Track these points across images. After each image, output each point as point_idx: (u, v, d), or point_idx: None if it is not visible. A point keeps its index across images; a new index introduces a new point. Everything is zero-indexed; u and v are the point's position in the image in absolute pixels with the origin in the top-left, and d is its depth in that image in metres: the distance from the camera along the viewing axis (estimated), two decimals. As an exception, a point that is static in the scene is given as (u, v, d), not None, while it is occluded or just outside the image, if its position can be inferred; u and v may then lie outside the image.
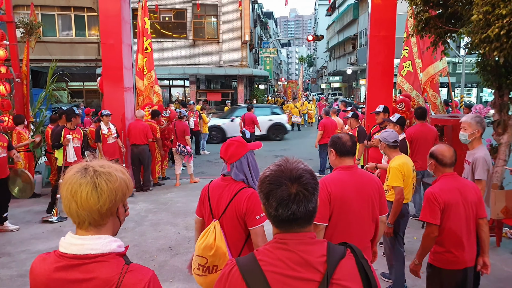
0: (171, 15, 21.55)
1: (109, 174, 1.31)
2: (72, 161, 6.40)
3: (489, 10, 3.70)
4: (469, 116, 3.61)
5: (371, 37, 7.46)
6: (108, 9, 7.85)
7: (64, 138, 6.42)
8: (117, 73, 7.97)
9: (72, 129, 6.62)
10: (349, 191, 2.49)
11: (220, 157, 2.48)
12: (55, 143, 6.51)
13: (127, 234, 5.69)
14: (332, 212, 2.47)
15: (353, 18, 36.91)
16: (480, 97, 31.89)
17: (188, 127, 9.03)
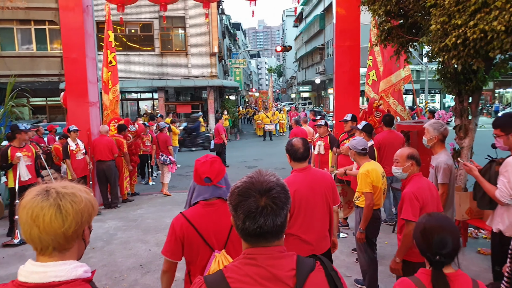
0: (137, 28, 21.29)
1: (74, 195, 1.25)
2: (26, 179, 6.15)
3: (445, 20, 3.86)
4: (429, 123, 3.76)
5: (336, 47, 7.62)
6: (70, 22, 7.65)
7: (12, 157, 6.09)
8: (81, 88, 7.76)
9: (20, 146, 6.28)
10: (303, 189, 2.85)
11: (202, 178, 2.12)
12: (3, 164, 6.14)
13: (96, 254, 5.48)
14: (292, 210, 2.80)
15: (320, 29, 37.77)
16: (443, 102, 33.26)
17: (169, 137, 9.43)
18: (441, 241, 1.75)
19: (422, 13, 4.87)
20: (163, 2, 7.53)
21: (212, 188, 2.14)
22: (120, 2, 7.49)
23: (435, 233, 1.77)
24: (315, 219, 2.90)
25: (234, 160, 13.62)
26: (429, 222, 1.84)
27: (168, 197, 8.70)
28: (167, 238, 2.14)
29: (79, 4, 7.63)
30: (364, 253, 3.96)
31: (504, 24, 3.19)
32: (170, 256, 2.13)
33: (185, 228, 2.08)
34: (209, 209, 2.12)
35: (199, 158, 2.21)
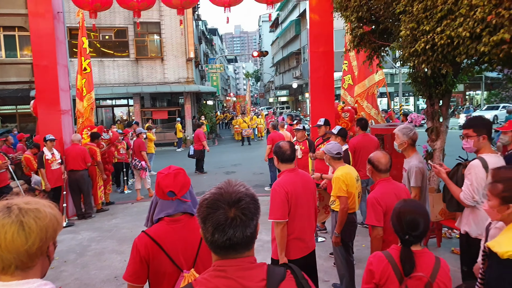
0: (111, 34, 20.96)
1: (38, 211, 1.21)
2: None
3: (414, 26, 3.97)
4: (398, 128, 3.84)
5: (311, 53, 7.70)
6: (40, 29, 7.45)
7: None
8: (53, 96, 7.56)
9: None
10: (299, 188, 3.00)
11: (165, 193, 1.96)
12: None
13: (68, 267, 5.27)
14: (290, 208, 2.95)
15: (296, 34, 38.21)
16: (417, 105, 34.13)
17: (143, 143, 9.52)
18: (412, 223, 2.04)
19: (392, 20, 4.99)
20: (136, 9, 7.42)
21: (176, 202, 1.96)
22: (92, 8, 7.33)
23: (407, 216, 2.06)
24: (307, 217, 3.07)
25: (212, 166, 13.53)
26: (404, 207, 2.14)
27: (143, 205, 8.52)
28: (130, 260, 1.93)
29: (49, 11, 7.44)
30: (341, 257, 3.99)
31: (469, 31, 3.29)
32: (134, 280, 1.92)
33: (150, 248, 1.89)
34: (175, 225, 1.95)
35: (161, 170, 2.04)
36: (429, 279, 1.97)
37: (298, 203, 2.98)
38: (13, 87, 18.61)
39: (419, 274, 1.98)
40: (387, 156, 3.16)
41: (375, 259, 2.11)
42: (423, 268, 2.01)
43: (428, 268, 2.02)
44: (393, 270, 2.03)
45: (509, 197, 1.94)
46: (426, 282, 1.97)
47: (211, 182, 10.72)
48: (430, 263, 2.03)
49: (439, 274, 2.01)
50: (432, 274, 2.00)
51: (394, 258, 2.06)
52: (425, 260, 2.04)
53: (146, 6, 7.55)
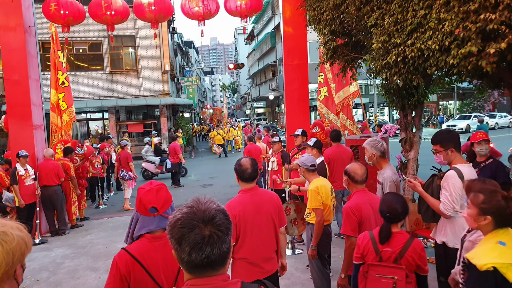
0: (85, 47, 20.62)
1: (4, 234, 1.17)
2: None
3: (386, 39, 4.07)
4: (366, 141, 3.91)
5: (285, 66, 7.80)
6: (10, 43, 7.31)
7: None
8: (24, 110, 7.41)
9: None
10: (249, 210, 2.82)
11: (147, 208, 1.92)
12: None
13: (40, 286, 5.10)
14: (239, 232, 2.80)
15: (271, 46, 38.66)
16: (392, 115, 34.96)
17: (130, 154, 9.90)
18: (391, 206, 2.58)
19: (364, 33, 5.11)
20: (110, 23, 7.36)
21: (158, 218, 1.94)
22: (65, 22, 7.23)
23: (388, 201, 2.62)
24: (262, 240, 2.85)
25: (189, 179, 13.38)
26: (387, 195, 2.76)
27: (119, 220, 8.35)
28: (109, 278, 1.87)
29: (20, 24, 7.29)
30: (317, 269, 3.98)
31: (438, 43, 3.39)
32: None
33: (130, 266, 1.84)
34: (156, 243, 1.91)
35: (143, 186, 2.01)
36: (397, 254, 2.50)
37: (248, 226, 2.80)
38: (-18, 102, 17.95)
39: (387, 250, 2.52)
40: (363, 167, 3.21)
41: (361, 236, 2.70)
42: (396, 244, 2.55)
43: (400, 245, 2.54)
44: (372, 244, 2.59)
45: (487, 209, 2.00)
46: (395, 256, 2.50)
47: (188, 195, 10.58)
48: (402, 241, 2.55)
49: (408, 250, 2.50)
50: (402, 250, 2.51)
51: (374, 236, 2.61)
52: (399, 238, 2.57)
53: (120, 20, 7.49)
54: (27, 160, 7.13)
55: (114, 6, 7.20)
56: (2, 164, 8.07)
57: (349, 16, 5.01)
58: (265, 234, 2.87)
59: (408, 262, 2.49)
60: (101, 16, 7.27)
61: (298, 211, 4.95)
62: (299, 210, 4.94)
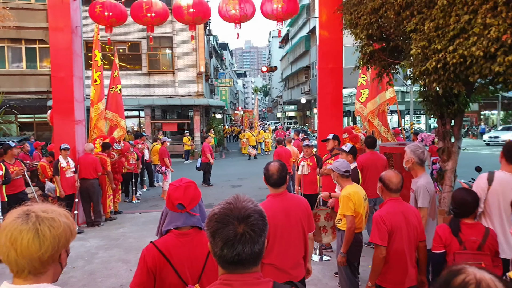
0: (125, 47, 21.36)
1: (53, 220, 1.26)
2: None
3: (425, 45, 3.96)
4: (409, 145, 3.80)
5: (320, 69, 7.74)
6: (59, 42, 7.73)
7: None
8: (68, 106, 7.81)
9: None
10: (278, 216, 2.76)
11: (175, 205, 1.96)
12: None
13: (76, 273, 5.36)
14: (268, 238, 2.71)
15: (305, 50, 38.46)
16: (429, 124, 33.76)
17: (165, 150, 10.58)
18: (460, 201, 2.86)
19: (403, 38, 5.00)
20: (150, 24, 7.58)
21: (185, 215, 1.97)
22: (108, 23, 7.53)
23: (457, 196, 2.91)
24: (290, 246, 2.81)
25: (219, 179, 13.53)
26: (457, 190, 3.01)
27: (150, 216, 8.61)
28: (137, 270, 1.94)
29: (68, 25, 7.69)
30: (346, 277, 3.92)
31: (483, 50, 3.27)
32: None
33: (157, 260, 1.90)
34: (182, 239, 1.96)
35: (173, 182, 2.06)
36: (481, 241, 2.75)
37: (277, 232, 2.75)
38: (32, 97, 19.15)
39: (473, 238, 2.76)
40: (399, 176, 3.10)
41: (441, 227, 2.95)
42: (476, 234, 2.79)
43: (480, 234, 2.79)
44: (454, 235, 2.82)
45: None
46: (479, 243, 2.75)
47: (217, 195, 10.71)
48: (481, 231, 2.82)
49: (488, 239, 2.77)
50: (483, 239, 2.77)
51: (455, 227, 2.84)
52: (477, 229, 2.84)
53: (159, 22, 7.70)
54: (68, 153, 7.48)
55: (154, 8, 7.41)
56: (47, 156, 8.53)
57: (387, 21, 4.92)
58: (294, 240, 2.82)
59: (489, 249, 2.75)
60: (141, 18, 7.50)
61: (328, 219, 4.89)
62: (330, 218, 4.87)
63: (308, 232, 2.93)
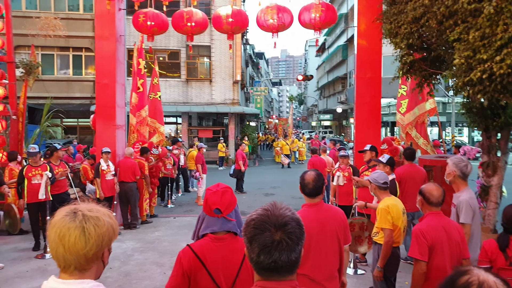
0: (165, 55, 22.06)
1: (97, 219, 1.32)
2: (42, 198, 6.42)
3: (470, 55, 3.82)
4: (451, 157, 3.64)
5: (357, 79, 7.64)
6: (104, 50, 8.09)
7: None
8: (110, 111, 8.12)
9: (35, 166, 6.62)
10: (313, 227, 2.67)
11: (212, 209, 1.99)
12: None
13: (112, 273, 5.53)
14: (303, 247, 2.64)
15: (342, 59, 38.06)
16: (472, 136, 32.24)
17: (201, 156, 10.95)
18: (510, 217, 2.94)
19: (445, 47, 4.85)
20: (190, 33, 7.79)
21: (221, 220, 1.99)
22: (150, 32, 7.81)
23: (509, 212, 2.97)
24: (325, 258, 2.74)
25: (252, 187, 13.58)
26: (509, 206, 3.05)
27: (185, 220, 8.76)
28: (173, 272, 1.98)
29: (113, 34, 8.06)
30: (382, 292, 3.80)
31: (532, 61, 3.13)
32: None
33: (192, 263, 1.93)
34: (218, 244, 1.98)
35: (210, 187, 2.09)
36: None
37: (312, 243, 2.67)
38: (76, 102, 20.23)
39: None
40: (440, 189, 2.99)
41: (488, 242, 2.99)
42: None
43: None
44: (501, 250, 2.87)
45: None
46: None
47: (250, 203, 10.74)
48: None
49: None
50: None
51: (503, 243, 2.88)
52: None
53: (199, 31, 7.90)
54: (109, 156, 7.76)
55: (195, 18, 7.61)
56: (89, 159, 8.92)
57: (429, 30, 4.79)
58: (329, 252, 2.75)
59: None
60: (182, 27, 7.72)
61: (363, 228, 4.79)
62: (366, 228, 4.77)
63: (344, 245, 2.86)
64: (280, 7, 7.28)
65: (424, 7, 4.61)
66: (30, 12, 18.67)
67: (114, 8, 7.85)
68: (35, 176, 6.48)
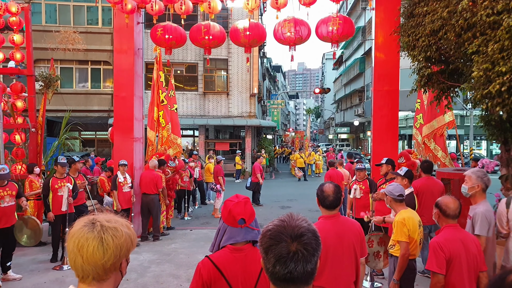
0: (183, 69, 22.44)
1: (116, 229, 1.33)
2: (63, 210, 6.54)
3: (489, 67, 3.79)
4: (471, 170, 3.61)
5: (375, 91, 7.61)
6: (122, 64, 8.22)
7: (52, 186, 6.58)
8: (128, 124, 8.20)
9: (60, 178, 6.72)
10: (330, 239, 2.66)
11: (237, 220, 2.00)
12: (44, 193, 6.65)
13: (129, 285, 5.57)
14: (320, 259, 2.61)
15: (360, 72, 37.95)
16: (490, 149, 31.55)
17: (220, 169, 11.28)
18: None
19: (463, 60, 4.81)
20: (207, 46, 7.92)
21: (244, 230, 2.01)
22: (168, 45, 7.97)
23: None
24: (342, 270, 2.71)
25: (268, 200, 13.54)
26: None
27: (201, 233, 8.76)
28: (192, 283, 1.99)
29: (131, 47, 8.22)
30: (398, 305, 3.73)
31: (552, 73, 3.08)
32: None
33: (212, 274, 1.93)
34: (237, 254, 1.98)
35: (230, 198, 2.11)
36: None
37: (329, 255, 2.66)
38: (94, 115, 20.66)
39: None
40: (457, 201, 2.96)
41: None
42: None
43: None
44: None
45: None
46: None
47: (267, 215, 10.71)
48: None
49: None
50: None
51: None
52: None
53: (217, 44, 8.02)
54: (126, 168, 7.85)
55: (212, 31, 7.75)
56: (106, 171, 9.06)
57: (447, 43, 4.77)
58: (346, 264, 2.73)
59: None
60: (200, 40, 7.86)
61: (382, 244, 4.72)
62: (383, 243, 4.70)
63: (361, 257, 2.84)
64: (298, 20, 7.35)
65: (442, 19, 4.60)
66: (50, 26, 19.26)
67: (132, 22, 8.01)
68: (61, 188, 6.59)
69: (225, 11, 19.14)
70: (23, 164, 8.05)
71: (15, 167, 8.05)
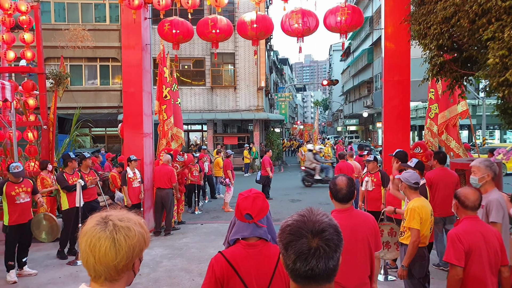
0: (190, 64, 22.43)
1: (128, 229, 1.30)
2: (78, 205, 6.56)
3: (505, 54, 3.69)
4: (478, 160, 3.58)
5: (385, 82, 7.50)
6: (130, 60, 8.23)
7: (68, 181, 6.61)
8: (137, 120, 8.23)
9: (70, 173, 6.74)
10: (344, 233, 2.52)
11: (243, 214, 1.98)
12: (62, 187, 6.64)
13: (142, 280, 5.59)
14: None
15: (368, 63, 37.55)
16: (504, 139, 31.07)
17: (229, 163, 11.28)
18: None
19: (478, 47, 4.70)
20: (214, 40, 7.87)
21: (252, 226, 1.97)
22: (176, 40, 7.94)
23: None
24: (356, 264, 2.66)
25: (278, 193, 13.52)
26: None
27: (212, 227, 8.78)
28: (205, 280, 1.96)
29: (139, 43, 8.22)
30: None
31: None
32: None
33: (225, 270, 1.91)
34: (251, 250, 1.95)
35: (243, 192, 2.09)
36: None
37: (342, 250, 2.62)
38: (104, 111, 20.83)
39: None
40: (477, 193, 2.90)
41: None
42: None
43: None
44: None
45: None
46: None
47: (277, 208, 10.69)
48: None
49: None
50: None
51: None
52: None
53: (224, 38, 7.97)
54: (136, 164, 7.87)
55: (219, 25, 7.69)
56: (117, 167, 9.11)
57: (460, 30, 4.65)
58: (360, 259, 2.68)
59: None
60: (207, 34, 7.81)
61: (392, 234, 4.68)
62: (394, 234, 4.66)
63: (375, 251, 2.78)
64: (305, 11, 7.25)
65: (455, 6, 4.49)
66: (59, 25, 19.39)
67: (139, 18, 8.00)
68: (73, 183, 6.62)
69: (232, 5, 18.99)
70: (36, 161, 8.14)
71: (28, 164, 8.14)
